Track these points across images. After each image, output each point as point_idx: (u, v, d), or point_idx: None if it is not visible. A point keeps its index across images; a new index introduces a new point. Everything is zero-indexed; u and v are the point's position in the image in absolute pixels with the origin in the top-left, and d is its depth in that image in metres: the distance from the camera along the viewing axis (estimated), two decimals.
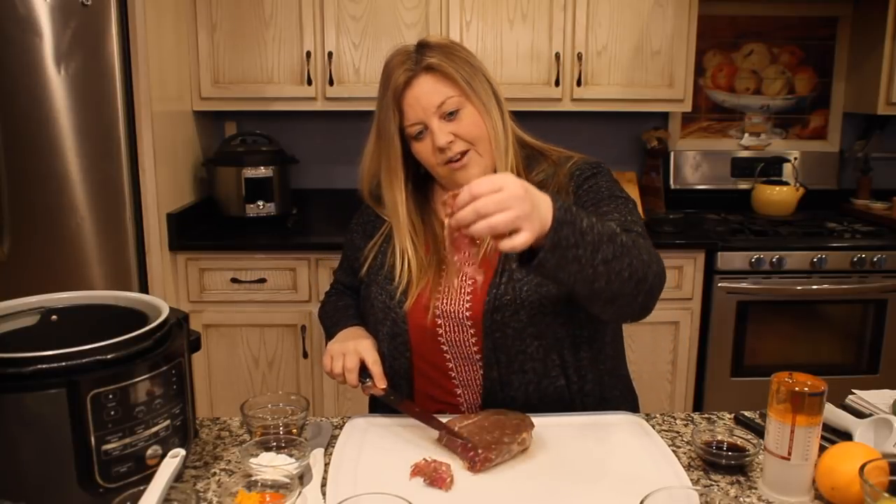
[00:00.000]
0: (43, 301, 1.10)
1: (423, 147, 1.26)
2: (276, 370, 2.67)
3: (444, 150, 1.23)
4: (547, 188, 1.26)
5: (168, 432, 0.97)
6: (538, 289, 1.22)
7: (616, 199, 1.26)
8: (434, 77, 1.23)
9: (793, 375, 0.99)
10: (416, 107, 1.23)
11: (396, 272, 1.29)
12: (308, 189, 3.12)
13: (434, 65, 1.22)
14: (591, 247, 1.00)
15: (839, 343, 2.72)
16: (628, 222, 1.21)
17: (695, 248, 2.62)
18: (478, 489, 1.02)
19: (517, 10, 2.72)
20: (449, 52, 1.24)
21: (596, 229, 1.01)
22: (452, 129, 1.23)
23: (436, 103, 1.22)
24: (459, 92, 1.23)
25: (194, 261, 2.58)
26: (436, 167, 1.27)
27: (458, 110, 1.23)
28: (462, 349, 1.27)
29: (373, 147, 1.32)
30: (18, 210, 2.32)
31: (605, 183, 1.28)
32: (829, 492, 0.96)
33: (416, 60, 1.23)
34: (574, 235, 0.98)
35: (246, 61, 2.73)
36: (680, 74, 2.78)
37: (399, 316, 1.27)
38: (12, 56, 2.22)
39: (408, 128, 1.25)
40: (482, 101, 1.24)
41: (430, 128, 1.23)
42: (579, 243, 0.99)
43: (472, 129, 1.24)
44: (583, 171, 1.30)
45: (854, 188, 3.20)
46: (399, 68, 1.23)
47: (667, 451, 1.10)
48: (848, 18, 3.13)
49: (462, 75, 1.23)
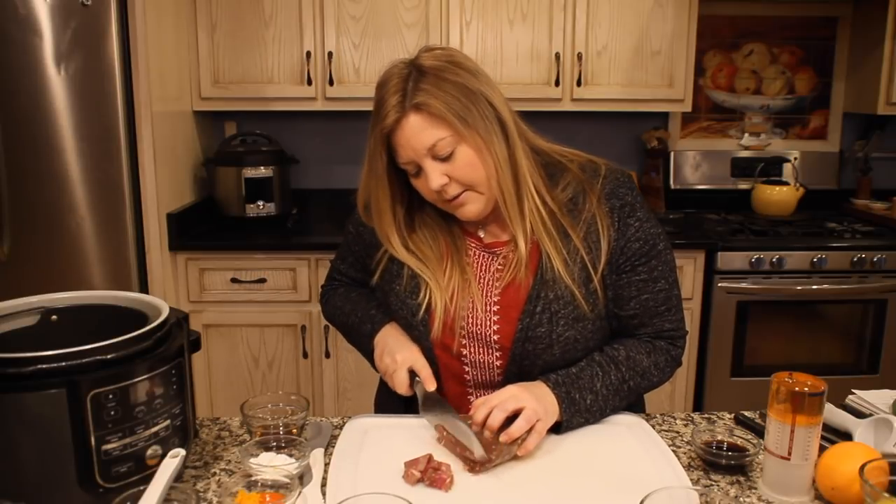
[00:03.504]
0: (43, 301, 1.10)
1: (420, 183, 1.19)
2: (276, 370, 2.67)
3: (440, 192, 1.17)
4: (580, 206, 1.21)
5: (168, 432, 0.97)
6: (574, 324, 1.19)
7: (660, 255, 1.24)
8: (423, 117, 1.12)
9: (793, 375, 0.99)
10: (406, 147, 1.15)
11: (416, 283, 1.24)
12: (308, 189, 3.12)
13: (422, 104, 1.11)
14: (599, 412, 1.19)
15: (839, 343, 2.72)
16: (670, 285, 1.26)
17: (695, 248, 2.62)
18: (478, 489, 1.02)
19: (517, 10, 2.72)
20: (442, 81, 1.12)
21: (601, 395, 1.18)
22: (446, 171, 1.15)
23: (426, 145, 1.13)
24: (452, 132, 1.13)
25: (194, 261, 2.58)
26: (436, 203, 1.22)
27: (452, 152, 1.14)
28: (484, 371, 1.25)
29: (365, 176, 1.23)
30: (18, 210, 2.32)
31: (648, 224, 1.23)
32: (829, 492, 0.96)
33: (405, 94, 1.13)
34: (582, 416, 1.17)
35: (246, 61, 2.73)
36: (680, 74, 2.78)
37: (423, 333, 1.24)
38: (12, 56, 2.22)
39: (402, 165, 1.18)
40: (480, 136, 1.14)
41: (423, 168, 1.16)
42: (588, 418, 1.18)
43: (468, 172, 1.15)
44: (620, 197, 1.22)
45: (854, 188, 3.20)
46: (388, 101, 1.14)
47: (667, 451, 1.10)
48: (848, 18, 3.13)
49: (455, 111, 1.12)
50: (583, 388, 1.17)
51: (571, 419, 1.15)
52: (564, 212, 1.21)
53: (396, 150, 1.17)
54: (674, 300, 1.27)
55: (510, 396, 1.11)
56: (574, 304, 1.19)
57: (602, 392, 1.18)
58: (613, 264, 1.22)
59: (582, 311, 1.19)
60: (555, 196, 1.22)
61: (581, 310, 1.19)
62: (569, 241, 1.20)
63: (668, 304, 1.26)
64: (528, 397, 1.11)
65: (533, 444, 1.08)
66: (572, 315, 1.19)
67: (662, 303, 1.25)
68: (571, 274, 1.19)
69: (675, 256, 1.29)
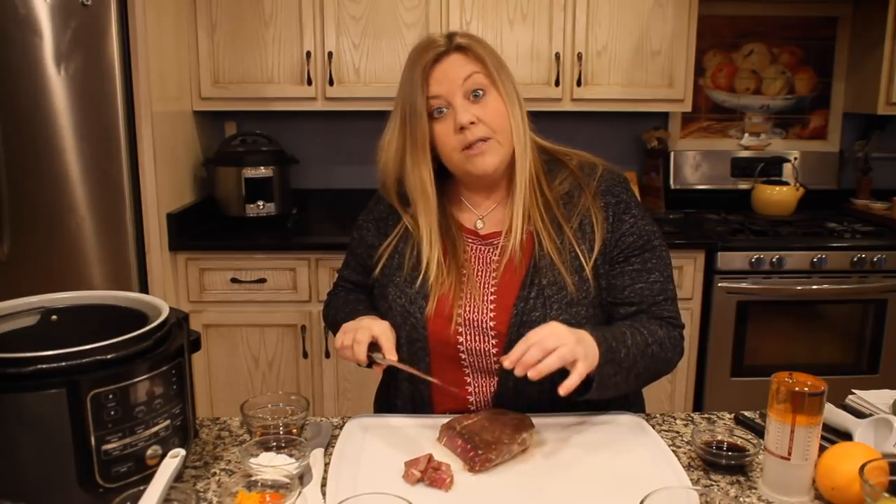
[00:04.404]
0: (43, 301, 1.10)
1: (442, 127, 1.22)
2: (276, 370, 2.67)
3: (465, 131, 1.20)
4: (575, 201, 1.27)
5: (168, 432, 0.97)
6: (568, 308, 1.21)
7: (655, 250, 1.27)
8: (464, 55, 1.22)
9: (793, 375, 0.99)
10: (442, 80, 1.21)
11: (417, 274, 1.27)
12: (308, 189, 3.12)
13: (465, 45, 1.23)
14: (627, 371, 1.15)
15: (839, 343, 2.72)
16: (665, 279, 1.27)
17: (695, 248, 2.62)
18: (478, 489, 1.02)
19: (517, 10, 2.72)
20: (479, 41, 1.25)
21: (631, 353, 1.15)
22: (477, 112, 1.21)
23: (463, 76, 1.21)
24: (487, 73, 1.22)
25: (194, 261, 2.58)
26: (451, 153, 1.23)
27: (485, 93, 1.22)
28: (481, 357, 1.25)
29: (397, 133, 1.26)
30: (18, 210, 2.32)
31: (642, 221, 1.27)
32: (829, 492, 0.96)
33: (446, 41, 1.23)
34: (614, 367, 1.12)
35: (246, 61, 2.73)
36: (680, 74, 2.78)
37: (419, 321, 1.25)
38: (12, 56, 2.22)
39: (430, 99, 1.22)
40: (507, 91, 1.24)
41: (453, 105, 1.21)
42: (618, 371, 1.13)
43: (496, 118, 1.22)
44: (615, 194, 1.27)
45: (854, 188, 3.20)
46: (429, 48, 1.23)
47: (667, 451, 1.10)
48: (848, 18, 3.13)
49: (492, 60, 1.23)
50: (617, 339, 1.14)
51: (605, 367, 1.10)
52: (559, 204, 1.27)
53: (430, 85, 1.21)
54: (670, 293, 1.28)
55: (550, 333, 1.05)
56: (566, 290, 1.22)
57: (633, 350, 1.15)
58: (607, 255, 1.25)
59: (574, 297, 1.22)
60: (552, 188, 1.28)
61: (573, 295, 1.22)
62: (561, 232, 1.25)
63: (664, 294, 1.26)
64: (567, 336, 1.06)
65: (573, 384, 1.03)
66: (565, 300, 1.21)
67: (659, 293, 1.26)
68: (564, 262, 1.23)
69: (671, 257, 1.31)
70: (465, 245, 1.30)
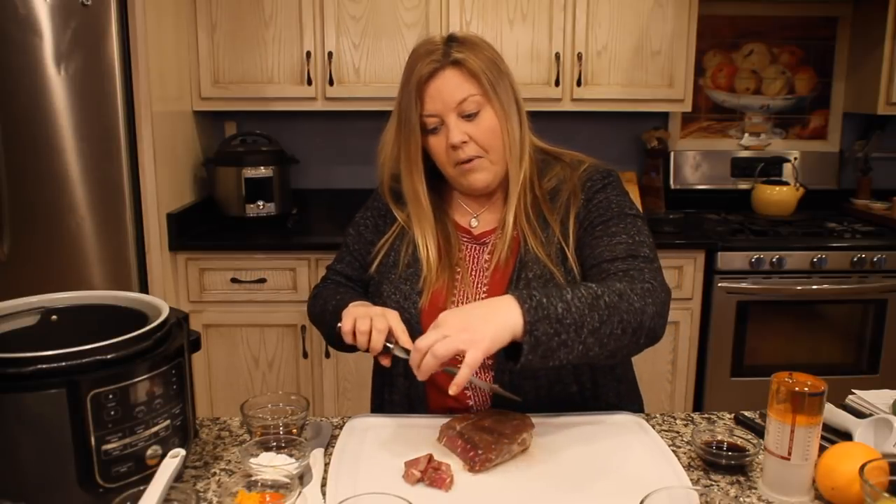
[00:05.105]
0: (43, 301, 1.10)
1: (436, 142, 1.25)
2: (275, 370, 2.67)
3: (457, 150, 1.22)
4: (560, 194, 1.28)
5: (168, 432, 0.97)
6: None
7: (625, 218, 1.25)
8: (459, 72, 1.21)
9: (793, 375, 0.99)
10: (436, 98, 1.21)
11: (412, 270, 1.28)
12: (308, 189, 3.12)
13: (461, 60, 1.21)
14: (574, 326, 1.02)
15: (839, 343, 2.72)
16: (636, 244, 1.21)
17: (695, 248, 2.61)
18: (478, 489, 1.02)
19: (517, 10, 2.72)
20: (477, 50, 1.23)
21: (573, 307, 1.03)
22: (469, 131, 1.22)
23: (457, 99, 1.21)
24: (482, 92, 1.21)
25: (194, 261, 2.58)
26: (446, 165, 1.26)
27: (478, 112, 1.22)
28: None
29: (393, 135, 1.29)
30: (18, 210, 2.32)
31: (616, 197, 1.28)
32: (829, 492, 0.96)
33: (443, 52, 1.21)
34: (552, 325, 1.00)
35: (246, 61, 2.73)
36: (680, 74, 2.78)
37: (413, 316, 1.25)
38: (12, 56, 2.22)
39: (424, 118, 1.23)
40: (503, 105, 1.23)
41: (446, 123, 1.22)
42: (559, 330, 1.01)
43: (488, 136, 1.23)
44: (594, 181, 1.29)
45: (854, 188, 3.20)
46: (425, 58, 1.22)
47: (667, 451, 1.10)
48: (848, 18, 3.13)
49: (487, 76, 1.21)
50: (551, 295, 1.04)
51: (538, 326, 1.00)
52: (546, 199, 1.29)
53: (424, 102, 1.22)
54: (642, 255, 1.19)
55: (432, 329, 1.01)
56: (553, 282, 1.22)
57: (575, 303, 1.03)
58: (579, 234, 1.26)
59: None
60: (541, 185, 1.30)
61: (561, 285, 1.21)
62: (546, 226, 1.26)
63: (630, 253, 1.19)
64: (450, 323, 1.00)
65: (463, 379, 0.98)
66: None
67: (623, 252, 1.19)
68: (549, 254, 1.24)
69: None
70: (460, 245, 1.32)
